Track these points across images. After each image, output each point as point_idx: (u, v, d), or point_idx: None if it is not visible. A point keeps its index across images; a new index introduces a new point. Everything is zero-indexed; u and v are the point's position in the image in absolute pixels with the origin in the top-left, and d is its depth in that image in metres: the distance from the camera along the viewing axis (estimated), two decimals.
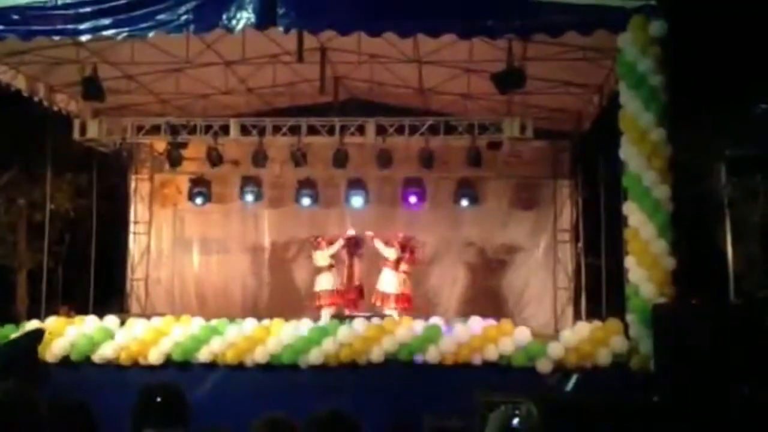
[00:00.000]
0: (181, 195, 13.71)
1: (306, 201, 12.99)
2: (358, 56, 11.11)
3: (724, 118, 10.16)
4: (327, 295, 11.83)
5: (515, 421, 3.10)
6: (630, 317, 8.10)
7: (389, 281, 11.81)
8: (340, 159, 11.89)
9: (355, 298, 12.35)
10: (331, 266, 12.01)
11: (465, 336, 8.46)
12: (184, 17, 8.33)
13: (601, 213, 11.77)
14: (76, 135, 11.70)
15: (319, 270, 12.04)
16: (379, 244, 11.96)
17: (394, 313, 11.00)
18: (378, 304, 11.71)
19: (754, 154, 9.77)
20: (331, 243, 12.10)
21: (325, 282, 11.92)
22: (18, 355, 3.77)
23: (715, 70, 10.35)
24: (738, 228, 9.89)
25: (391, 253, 11.88)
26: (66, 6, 8.49)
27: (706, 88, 10.25)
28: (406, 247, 12.02)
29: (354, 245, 12.63)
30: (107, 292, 13.25)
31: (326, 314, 11.41)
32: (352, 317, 9.95)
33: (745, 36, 10.12)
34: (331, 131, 11.67)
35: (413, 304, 11.92)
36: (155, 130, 12.00)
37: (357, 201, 12.93)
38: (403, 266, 11.89)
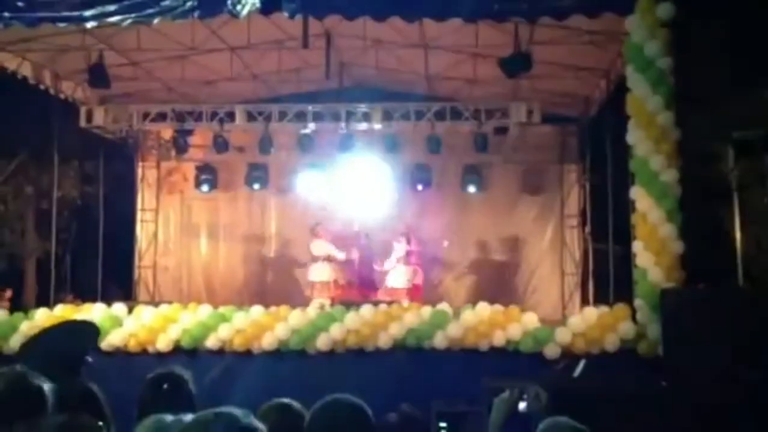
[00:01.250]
0: (187, 182, 13.73)
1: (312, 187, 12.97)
2: (363, 42, 11.06)
3: (732, 101, 10.08)
4: (321, 287, 11.77)
5: (522, 404, 3.09)
6: (638, 302, 8.09)
7: (399, 276, 11.77)
8: (347, 145, 11.87)
9: (369, 291, 12.34)
10: (328, 257, 11.93)
11: (472, 321, 8.46)
12: (189, 3, 8.30)
13: (608, 198, 11.72)
14: (82, 122, 11.69)
15: (315, 259, 11.99)
16: (389, 263, 11.90)
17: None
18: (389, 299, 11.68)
19: (762, 136, 9.69)
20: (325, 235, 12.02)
21: (320, 272, 11.87)
22: (69, 351, 3.76)
23: (722, 52, 10.26)
24: (746, 212, 9.83)
25: (400, 249, 11.85)
26: None
27: (714, 71, 10.17)
28: (410, 238, 12.01)
29: (361, 239, 12.66)
30: (115, 280, 13.29)
31: (315, 304, 11.31)
32: (359, 304, 9.94)
33: (753, 18, 10.02)
34: (337, 117, 11.63)
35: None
36: (161, 117, 11.98)
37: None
38: (413, 258, 11.87)
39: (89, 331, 4.47)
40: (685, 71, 8.32)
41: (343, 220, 13.00)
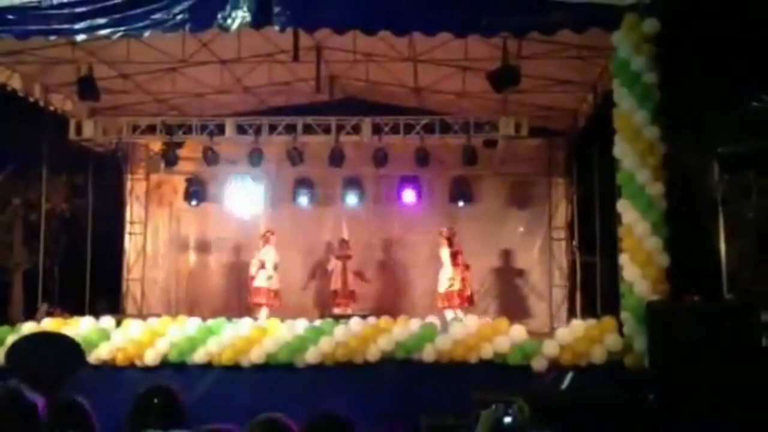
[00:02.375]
0: (176, 195, 13.71)
1: (303, 200, 13.01)
2: (353, 55, 11.13)
3: (717, 115, 10.20)
4: (265, 294, 11.75)
5: (507, 419, 3.13)
6: (624, 315, 8.14)
7: (450, 279, 11.75)
8: (336, 158, 11.91)
9: (348, 302, 12.39)
10: (276, 266, 11.91)
11: (461, 334, 8.49)
12: (179, 16, 8.35)
13: (595, 211, 11.80)
14: (71, 135, 11.69)
15: (262, 265, 11.92)
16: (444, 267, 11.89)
17: (459, 314, 11.15)
18: (443, 305, 11.66)
19: (747, 150, 9.80)
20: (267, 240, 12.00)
21: (267, 279, 11.83)
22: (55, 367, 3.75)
23: (708, 67, 10.38)
24: (731, 225, 9.93)
25: (445, 252, 11.86)
26: (61, 5, 8.51)
27: (699, 86, 10.28)
28: (452, 240, 11.97)
29: (343, 249, 12.71)
30: (103, 293, 13.23)
31: (264, 314, 11.33)
32: (348, 317, 9.95)
33: (737, 33, 10.15)
34: (327, 130, 11.68)
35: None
36: (151, 129, 11.99)
37: (353, 199, 12.97)
38: (460, 259, 11.87)
39: (74, 352, 4.44)
40: (670, 86, 8.42)
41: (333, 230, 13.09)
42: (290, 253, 13.43)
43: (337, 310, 11.98)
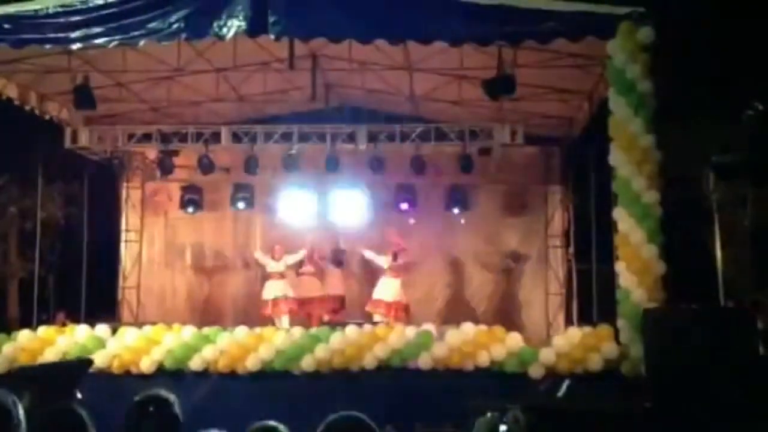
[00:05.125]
0: (172, 203, 13.68)
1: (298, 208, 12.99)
2: (349, 63, 11.14)
3: (712, 123, 10.25)
4: (279, 303, 11.82)
5: (502, 427, 3.13)
6: (621, 322, 8.15)
7: (386, 289, 11.81)
8: (332, 166, 11.90)
9: (337, 308, 12.41)
10: (282, 275, 12.06)
11: (457, 342, 8.48)
12: (175, 25, 8.37)
13: (591, 219, 11.82)
14: (67, 143, 11.67)
15: (268, 276, 12.12)
16: (369, 254, 12.02)
17: (389, 321, 11.06)
18: (370, 310, 11.74)
19: (742, 159, 9.84)
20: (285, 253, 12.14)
21: (275, 289, 11.95)
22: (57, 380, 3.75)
23: (703, 76, 10.44)
24: (727, 233, 9.96)
25: (383, 261, 11.96)
26: (57, 14, 8.52)
27: (694, 94, 10.34)
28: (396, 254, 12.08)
29: (336, 255, 12.73)
30: (99, 301, 13.20)
31: (285, 321, 11.42)
32: (344, 324, 9.94)
33: (732, 42, 10.21)
34: (322, 138, 11.68)
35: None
36: (146, 138, 11.97)
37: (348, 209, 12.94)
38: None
39: (80, 366, 4.43)
40: (666, 94, 8.46)
41: (329, 239, 13.09)
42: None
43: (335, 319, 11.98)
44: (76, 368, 4.38)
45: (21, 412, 2.59)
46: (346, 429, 2.64)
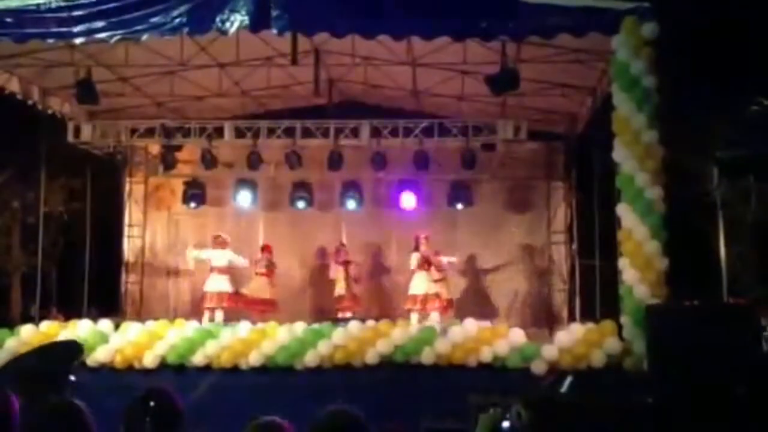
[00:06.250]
0: (175, 198, 13.67)
1: (301, 203, 13.00)
2: (352, 58, 11.13)
3: (716, 119, 10.22)
4: (218, 297, 11.38)
5: (505, 423, 3.12)
6: (624, 318, 8.14)
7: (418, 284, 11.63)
8: (335, 161, 11.90)
9: (353, 305, 12.38)
10: (226, 269, 11.57)
11: (460, 338, 8.48)
12: (177, 20, 8.35)
13: (594, 214, 11.79)
14: (70, 138, 11.69)
15: (212, 270, 11.55)
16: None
17: (436, 316, 11.09)
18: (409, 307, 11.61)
19: (745, 154, 9.81)
20: (223, 244, 11.65)
21: (217, 283, 11.47)
22: (50, 368, 3.73)
23: (706, 71, 10.40)
24: (730, 229, 9.94)
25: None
26: (60, 9, 8.51)
27: (698, 90, 10.30)
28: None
29: (341, 255, 12.71)
30: (101, 296, 13.22)
31: (219, 316, 11.12)
32: (347, 320, 9.95)
33: (736, 37, 10.17)
34: (325, 133, 11.67)
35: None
36: (149, 132, 11.98)
37: (351, 203, 12.94)
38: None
39: (71, 349, 4.42)
40: (669, 90, 8.44)
41: (332, 234, 13.09)
42: (288, 257, 13.43)
43: (341, 314, 11.94)
44: (68, 350, 4.36)
45: (15, 406, 2.59)
46: (337, 424, 2.64)
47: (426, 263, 11.65)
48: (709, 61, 10.62)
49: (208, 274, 11.66)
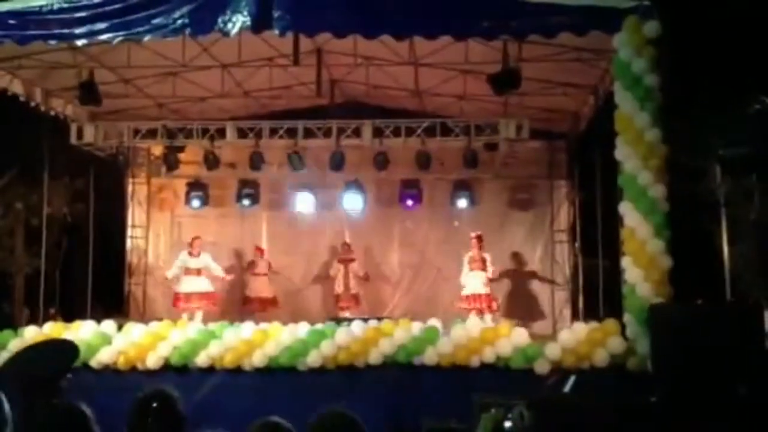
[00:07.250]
0: (178, 199, 13.71)
1: (302, 204, 13.01)
2: (354, 59, 11.13)
3: (718, 117, 10.18)
4: (195, 297, 11.65)
5: (507, 423, 3.11)
6: (627, 317, 8.12)
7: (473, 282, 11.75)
8: (337, 161, 11.90)
9: (351, 305, 12.41)
10: (198, 271, 11.79)
11: (463, 338, 8.47)
12: (179, 21, 8.35)
13: (597, 213, 11.79)
14: (72, 139, 11.70)
15: (187, 271, 11.80)
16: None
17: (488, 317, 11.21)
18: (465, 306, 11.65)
19: (749, 153, 9.78)
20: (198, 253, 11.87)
21: (193, 284, 11.72)
22: (45, 371, 3.73)
23: (709, 69, 10.38)
24: (734, 228, 9.90)
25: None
26: (62, 10, 8.52)
27: (700, 88, 10.28)
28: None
29: (345, 253, 12.74)
30: (105, 297, 13.22)
31: (199, 317, 11.27)
32: (350, 320, 9.95)
33: (738, 35, 10.15)
34: (327, 134, 11.68)
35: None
36: (152, 133, 12.00)
37: (354, 203, 12.95)
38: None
39: (67, 350, 4.40)
40: (672, 88, 8.41)
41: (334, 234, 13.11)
42: (291, 257, 13.46)
43: (340, 314, 11.98)
44: (62, 349, 4.34)
45: (7, 408, 2.59)
46: (332, 426, 2.64)
47: (481, 263, 11.66)
48: (712, 59, 10.59)
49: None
